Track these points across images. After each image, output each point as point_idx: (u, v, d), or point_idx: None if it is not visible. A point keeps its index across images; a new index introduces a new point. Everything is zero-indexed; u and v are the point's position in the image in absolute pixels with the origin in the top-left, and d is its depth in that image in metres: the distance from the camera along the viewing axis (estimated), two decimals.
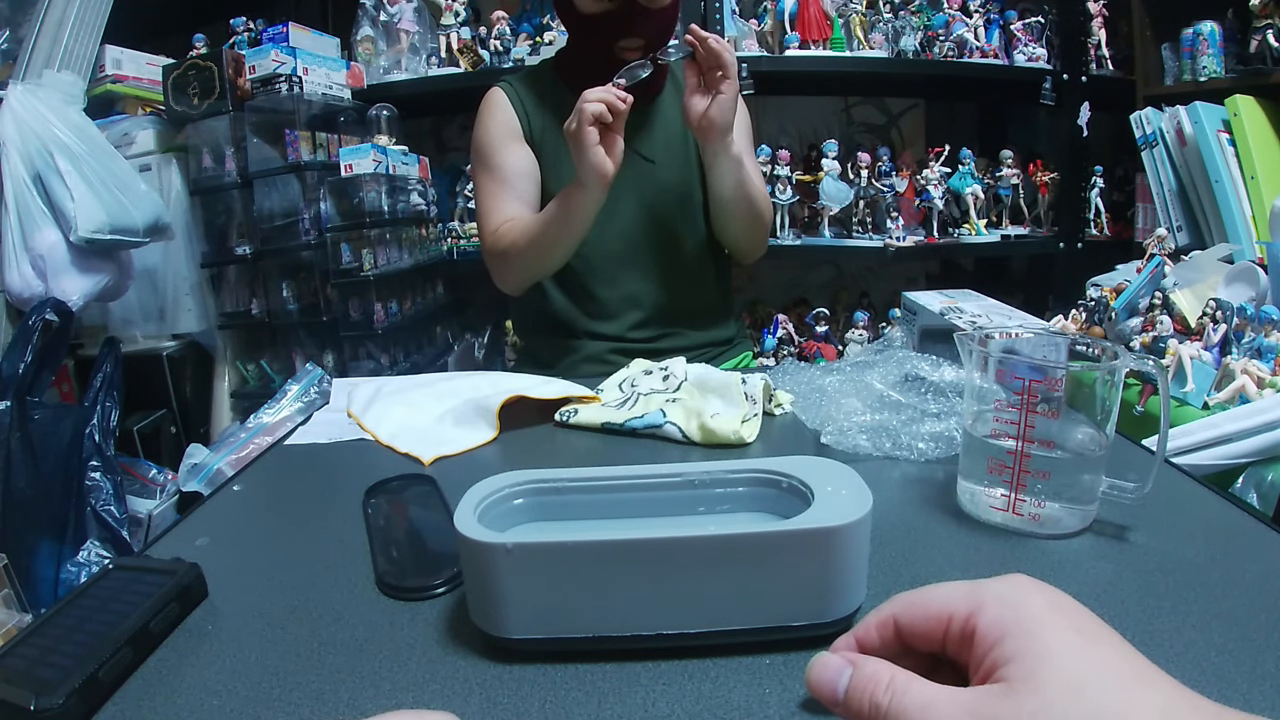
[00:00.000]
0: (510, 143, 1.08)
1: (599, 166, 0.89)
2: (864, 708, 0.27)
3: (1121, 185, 2.02)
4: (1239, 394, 1.06)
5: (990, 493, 0.49)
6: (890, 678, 0.27)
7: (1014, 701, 0.23)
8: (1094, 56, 1.90)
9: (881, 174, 1.88)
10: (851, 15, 1.79)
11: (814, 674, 0.29)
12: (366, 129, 1.79)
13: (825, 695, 0.28)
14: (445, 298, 2.04)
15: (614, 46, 0.99)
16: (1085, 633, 0.25)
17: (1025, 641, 0.24)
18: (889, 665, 0.28)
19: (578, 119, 0.88)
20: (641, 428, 0.68)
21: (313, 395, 1.37)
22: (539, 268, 1.05)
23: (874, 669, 0.28)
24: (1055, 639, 0.24)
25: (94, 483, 1.34)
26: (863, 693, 0.27)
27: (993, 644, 0.25)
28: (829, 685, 0.28)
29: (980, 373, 0.50)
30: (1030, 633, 0.25)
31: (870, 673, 0.27)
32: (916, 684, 0.26)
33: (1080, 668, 0.23)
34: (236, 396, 1.79)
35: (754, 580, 0.36)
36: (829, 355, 1.80)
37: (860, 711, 0.27)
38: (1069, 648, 0.24)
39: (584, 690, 0.36)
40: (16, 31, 1.46)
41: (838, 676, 0.28)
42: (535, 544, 0.36)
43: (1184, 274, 1.35)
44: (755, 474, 0.44)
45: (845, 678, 0.28)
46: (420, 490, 0.58)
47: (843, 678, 0.28)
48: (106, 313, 1.66)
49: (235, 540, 0.55)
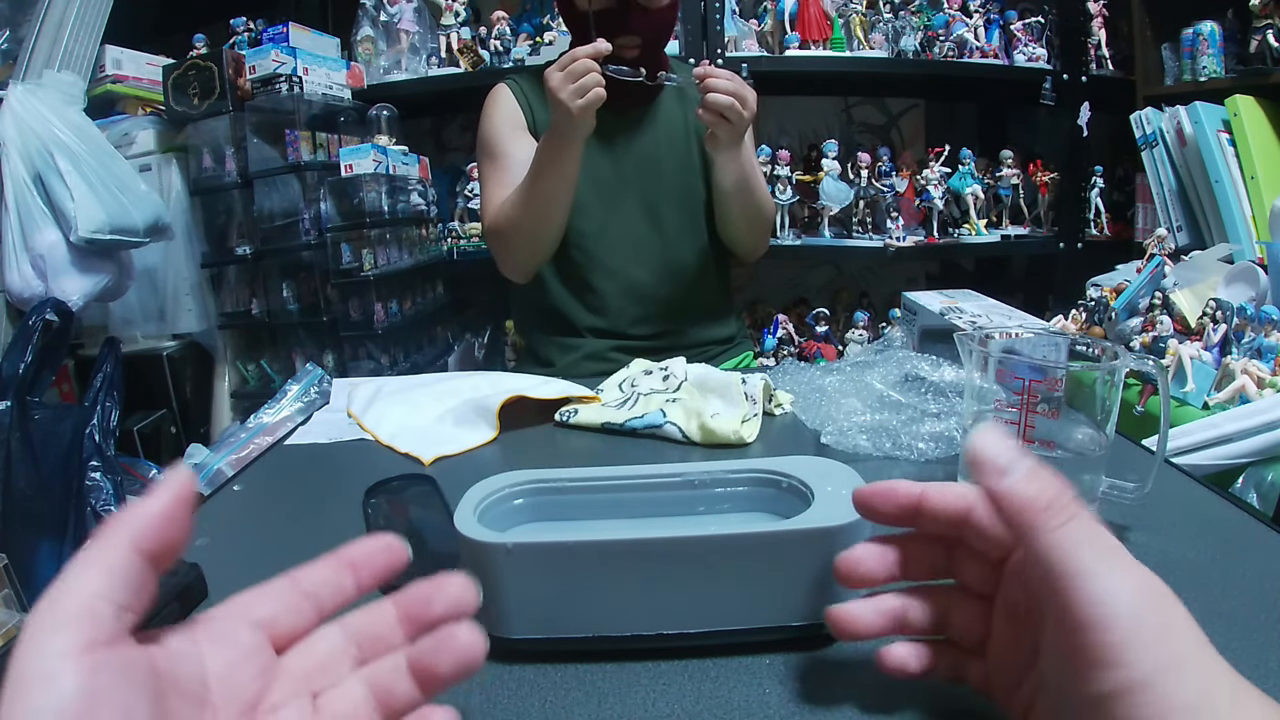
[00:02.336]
0: (515, 134, 1.09)
1: (588, 127, 0.93)
2: (1042, 499, 0.24)
3: (1121, 185, 2.02)
4: (1239, 394, 1.06)
5: None
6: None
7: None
8: (1094, 56, 1.90)
9: (881, 174, 1.88)
10: (851, 15, 1.79)
11: (985, 438, 0.26)
12: (366, 129, 1.79)
13: (995, 463, 0.25)
14: (445, 298, 2.04)
15: (613, 44, 1.00)
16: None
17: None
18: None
19: (584, 103, 0.90)
20: (641, 428, 0.68)
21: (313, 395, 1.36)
22: (540, 231, 1.05)
23: (1060, 483, 0.26)
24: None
25: (94, 483, 1.33)
26: (1048, 484, 0.25)
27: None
28: (1001, 462, 0.25)
29: (980, 373, 0.50)
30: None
31: (1058, 482, 0.25)
32: (1096, 522, 0.24)
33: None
34: (236, 396, 1.79)
35: (754, 580, 0.36)
36: (829, 355, 1.80)
37: (1032, 501, 0.24)
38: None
39: (584, 690, 0.36)
40: (16, 31, 1.46)
41: (1011, 457, 0.26)
42: (535, 544, 0.36)
43: (1184, 274, 1.35)
44: (755, 474, 0.44)
45: (1026, 462, 0.26)
46: (420, 490, 0.58)
47: (1021, 460, 0.26)
48: (106, 313, 1.66)
49: (235, 540, 0.55)
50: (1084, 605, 0.22)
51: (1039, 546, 0.24)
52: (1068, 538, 0.23)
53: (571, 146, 0.96)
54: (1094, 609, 0.22)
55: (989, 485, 0.25)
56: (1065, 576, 0.23)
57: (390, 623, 0.28)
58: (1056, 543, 0.23)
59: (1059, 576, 0.23)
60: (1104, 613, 0.22)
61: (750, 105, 0.94)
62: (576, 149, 0.96)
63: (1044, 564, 0.23)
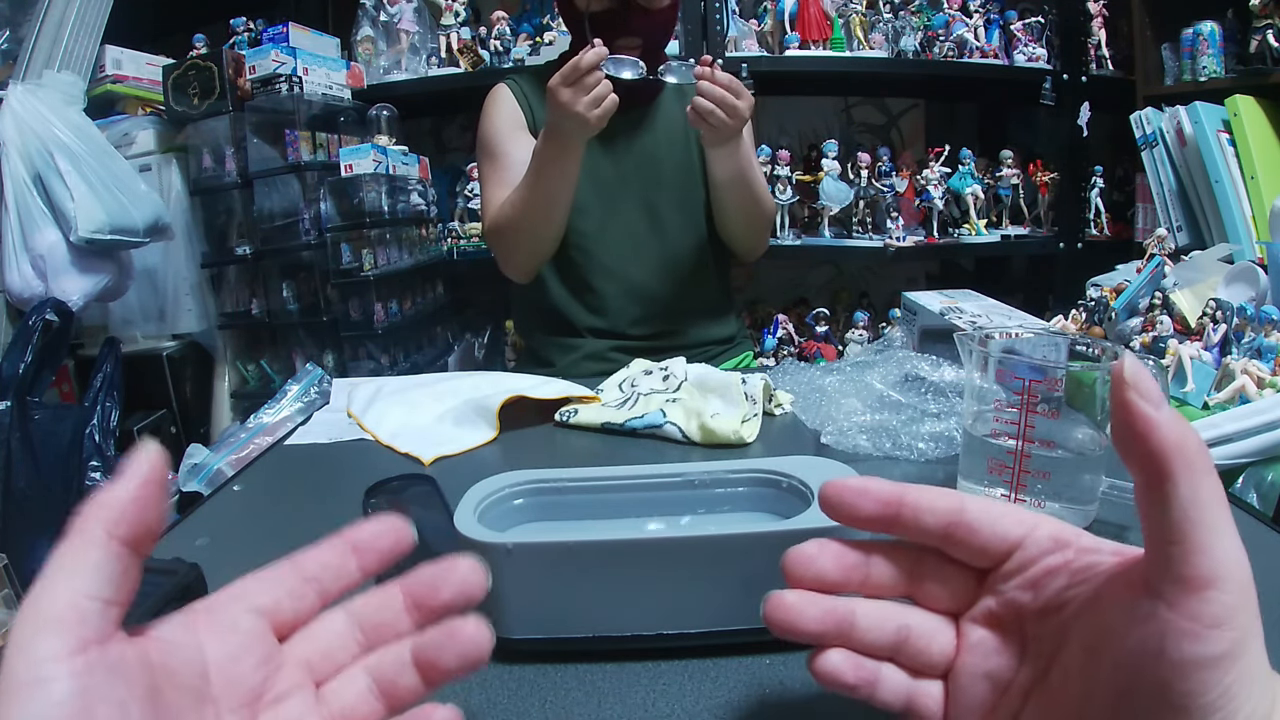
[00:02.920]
0: (515, 134, 1.09)
1: (593, 133, 0.93)
2: (1187, 443, 0.22)
3: (1121, 185, 2.02)
4: (1239, 394, 1.06)
5: (990, 493, 0.49)
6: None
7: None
8: (1094, 56, 1.90)
9: (881, 174, 1.88)
10: (851, 15, 1.79)
11: (1136, 365, 0.24)
12: (366, 129, 1.79)
13: (1151, 392, 0.23)
14: (445, 298, 2.04)
15: (613, 45, 1.00)
16: None
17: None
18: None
19: (599, 107, 0.90)
20: (641, 428, 0.68)
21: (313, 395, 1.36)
22: (541, 231, 1.05)
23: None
24: None
25: (94, 483, 1.33)
26: (1189, 428, 0.23)
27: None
28: (1158, 391, 0.23)
29: (980, 373, 0.50)
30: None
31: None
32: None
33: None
34: (236, 396, 1.79)
35: (754, 580, 0.36)
36: (829, 355, 1.80)
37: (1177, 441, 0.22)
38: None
39: (584, 690, 0.36)
40: (16, 31, 1.46)
41: (1162, 394, 0.24)
42: (535, 544, 0.36)
43: (1184, 274, 1.35)
44: (755, 474, 0.44)
45: (1169, 405, 0.24)
46: (420, 490, 0.58)
47: (1165, 400, 0.24)
48: (106, 313, 1.66)
49: (235, 540, 0.55)
50: (1216, 562, 0.22)
51: (1183, 492, 0.22)
52: (1210, 490, 0.22)
53: (574, 148, 0.96)
54: (1221, 568, 0.22)
55: (1144, 413, 0.23)
56: (1203, 528, 0.22)
57: (396, 609, 0.28)
58: (1202, 491, 0.22)
59: (1197, 526, 0.22)
60: (1229, 574, 0.22)
61: (742, 112, 0.94)
62: (579, 150, 0.96)
63: (1183, 511, 0.22)
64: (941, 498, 0.28)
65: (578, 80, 0.89)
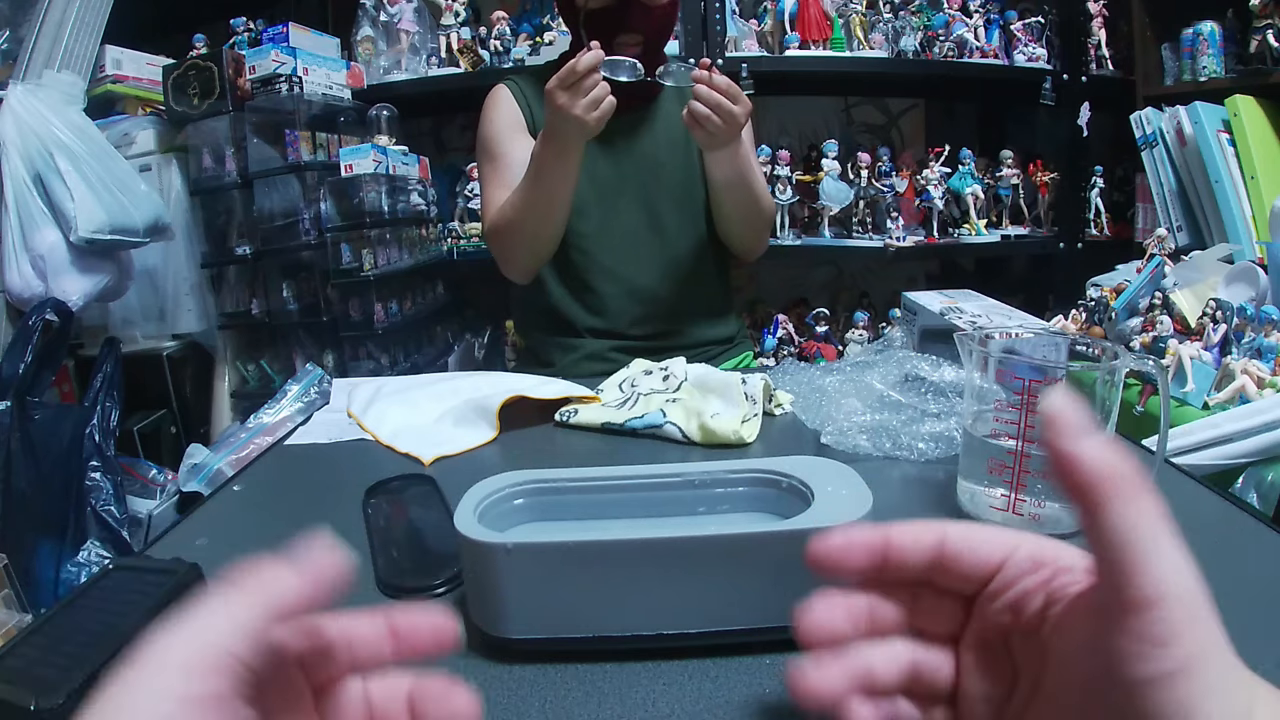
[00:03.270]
0: (515, 135, 1.09)
1: (592, 135, 0.93)
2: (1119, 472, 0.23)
3: (1121, 185, 2.02)
4: (1239, 394, 1.06)
5: (990, 493, 0.49)
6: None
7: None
8: (1094, 56, 1.90)
9: (881, 174, 1.88)
10: (851, 15, 1.79)
11: (1061, 399, 0.24)
12: (366, 129, 1.79)
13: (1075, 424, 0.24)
14: (445, 298, 2.04)
15: (613, 42, 1.00)
16: None
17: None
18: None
19: (597, 110, 0.90)
20: (641, 428, 0.68)
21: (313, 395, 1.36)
22: (540, 232, 1.04)
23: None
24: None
25: (94, 483, 1.33)
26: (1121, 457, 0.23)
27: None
28: (1084, 424, 0.24)
29: (980, 373, 0.50)
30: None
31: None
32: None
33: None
34: (236, 396, 1.79)
35: (754, 580, 0.36)
36: (829, 355, 1.80)
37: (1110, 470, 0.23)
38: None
39: (584, 690, 0.36)
40: (16, 31, 1.45)
41: (1088, 423, 0.24)
42: (535, 544, 0.36)
43: (1184, 274, 1.35)
44: (755, 474, 0.44)
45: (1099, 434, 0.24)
46: (420, 490, 0.58)
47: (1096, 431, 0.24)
48: (106, 313, 1.66)
49: (235, 540, 0.55)
50: (1155, 582, 0.22)
51: (1115, 519, 0.23)
52: (1143, 513, 0.23)
53: (573, 151, 0.96)
54: (1162, 587, 0.22)
55: (1068, 446, 0.24)
56: (1139, 550, 0.22)
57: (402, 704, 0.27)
58: (1134, 515, 0.23)
59: (1133, 549, 0.22)
60: (1170, 592, 0.22)
61: (738, 118, 0.93)
62: (578, 153, 0.96)
63: (1117, 536, 0.23)
64: (924, 532, 0.29)
65: (575, 83, 0.89)
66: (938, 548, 0.28)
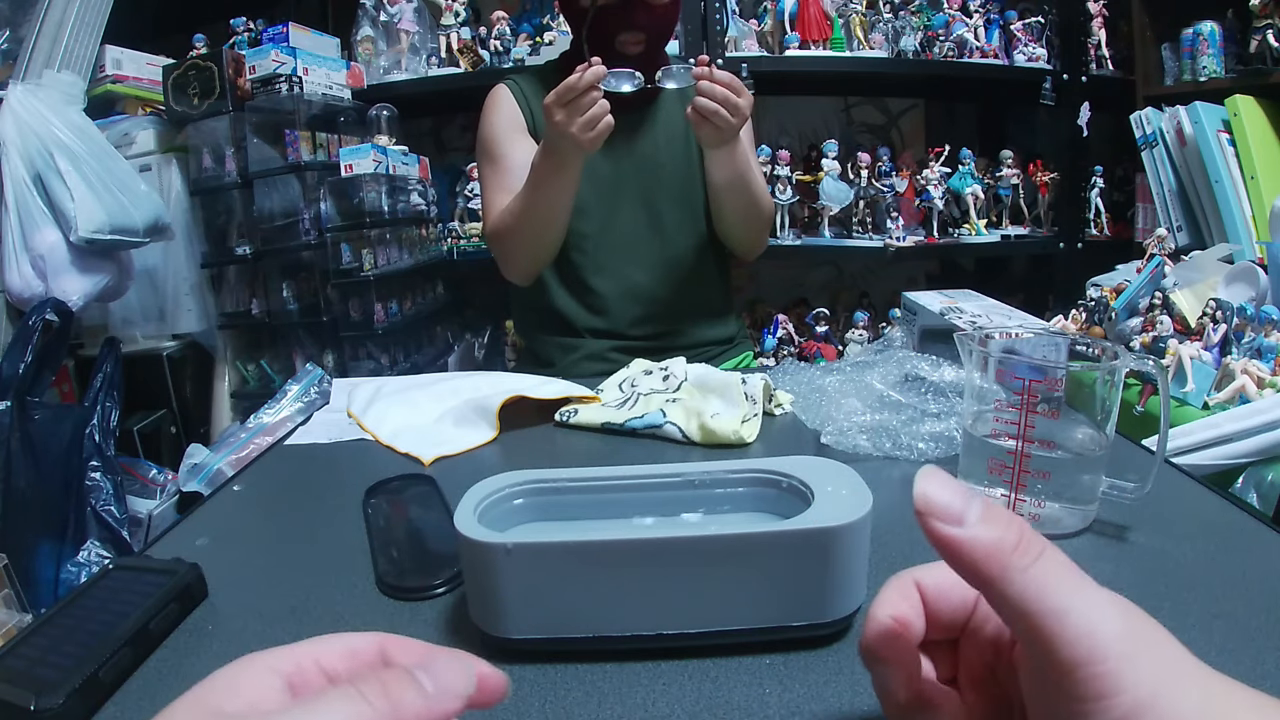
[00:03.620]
0: (515, 136, 1.09)
1: (586, 154, 0.93)
2: (1006, 542, 0.22)
3: (1121, 185, 2.02)
4: (1239, 394, 1.06)
5: (990, 493, 0.49)
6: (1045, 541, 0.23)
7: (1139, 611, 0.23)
8: (1094, 56, 1.90)
9: (881, 174, 1.88)
10: (851, 15, 1.79)
11: (930, 485, 0.24)
12: (366, 129, 1.79)
13: (948, 511, 0.23)
14: (445, 298, 2.04)
15: (615, 40, 0.99)
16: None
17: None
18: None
19: (594, 130, 0.89)
20: (641, 428, 0.68)
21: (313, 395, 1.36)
22: (541, 239, 1.05)
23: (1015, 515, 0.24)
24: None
25: (94, 483, 1.33)
26: (1009, 523, 0.23)
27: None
28: (956, 507, 0.23)
29: (980, 373, 0.50)
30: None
31: (1013, 515, 0.23)
32: (1063, 553, 0.23)
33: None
34: (236, 396, 1.79)
35: (754, 580, 0.36)
36: (829, 355, 1.80)
37: (996, 545, 0.22)
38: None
39: (584, 690, 0.36)
40: (16, 31, 1.45)
41: (964, 497, 0.23)
42: (535, 544, 0.36)
43: (1184, 274, 1.35)
44: (755, 474, 0.44)
45: (978, 503, 0.23)
46: (420, 490, 0.58)
47: (973, 502, 0.23)
48: (106, 313, 1.66)
49: (235, 540, 0.55)
50: (1073, 642, 0.21)
51: (1012, 591, 0.22)
52: (1042, 576, 0.22)
53: (572, 164, 0.95)
54: (1083, 644, 0.21)
55: (946, 536, 0.23)
56: (1048, 616, 0.22)
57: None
58: (1030, 583, 0.22)
59: (1041, 616, 0.22)
60: (1094, 645, 0.21)
61: (743, 110, 0.93)
62: (577, 166, 0.96)
63: (1022, 606, 0.22)
64: (904, 595, 0.28)
65: (572, 101, 0.88)
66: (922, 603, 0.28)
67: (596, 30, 1.00)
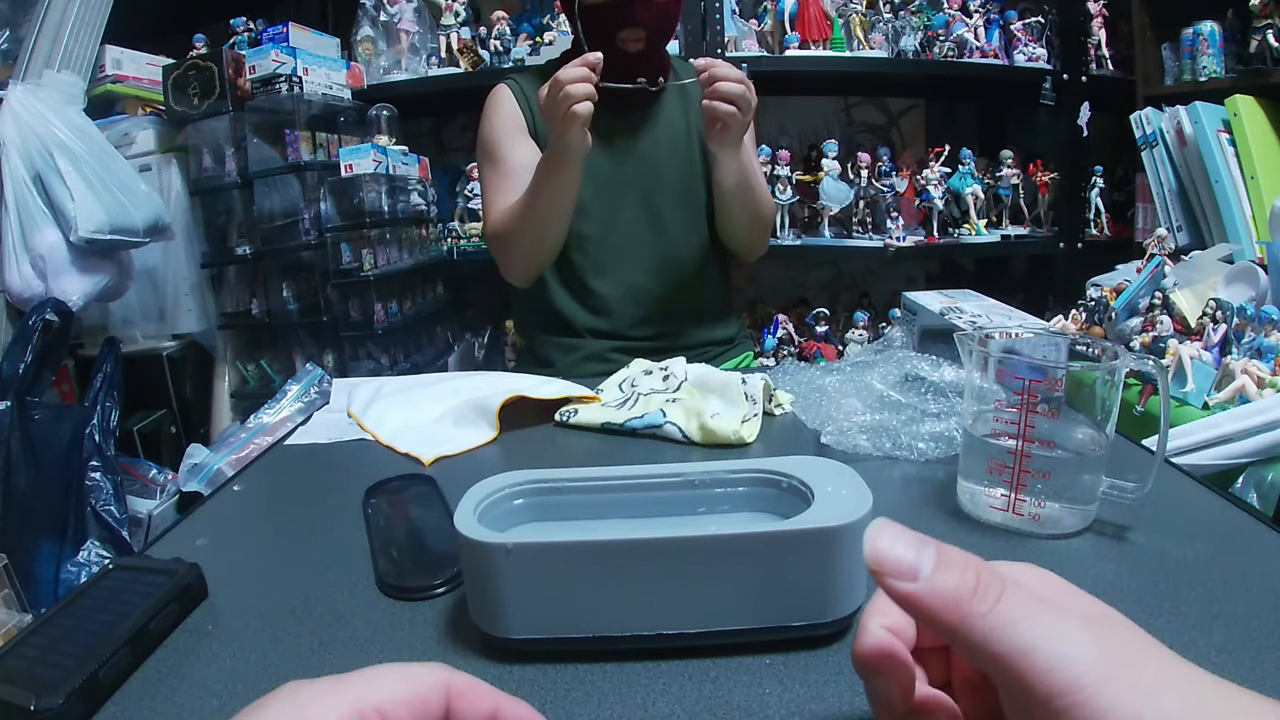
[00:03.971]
0: (515, 137, 1.09)
1: (583, 145, 0.93)
2: (963, 590, 0.22)
3: (1121, 185, 2.02)
4: (1239, 394, 1.06)
5: (990, 493, 0.49)
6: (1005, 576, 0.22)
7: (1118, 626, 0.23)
8: (1094, 56, 1.90)
9: (881, 174, 1.88)
10: (851, 15, 1.79)
11: (881, 542, 0.23)
12: (366, 129, 1.79)
13: (900, 569, 0.23)
14: (445, 298, 2.04)
15: (615, 37, 1.00)
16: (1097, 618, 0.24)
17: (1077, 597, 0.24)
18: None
19: (565, 106, 0.89)
20: (641, 428, 0.68)
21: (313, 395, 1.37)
22: (540, 243, 1.05)
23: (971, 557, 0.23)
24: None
25: (94, 483, 1.33)
26: (964, 570, 0.22)
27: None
28: (907, 559, 0.23)
29: (980, 373, 0.50)
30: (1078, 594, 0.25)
31: (969, 558, 0.23)
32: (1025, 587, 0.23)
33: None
34: (236, 396, 1.79)
35: (754, 580, 0.36)
36: (829, 355, 1.80)
37: (953, 595, 0.22)
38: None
39: (584, 690, 0.36)
40: (16, 31, 1.45)
41: (917, 549, 0.23)
42: (535, 544, 0.36)
43: (1184, 274, 1.35)
44: (755, 474, 0.44)
45: (930, 553, 0.23)
46: (420, 490, 0.58)
47: (926, 553, 0.23)
48: (106, 313, 1.66)
49: (235, 540, 0.55)
50: (1044, 676, 0.21)
51: (976, 636, 0.22)
52: (1004, 616, 0.22)
53: (571, 166, 0.95)
54: (1054, 677, 0.21)
55: (902, 592, 0.23)
56: (1015, 656, 0.22)
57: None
58: (992, 627, 0.22)
59: (1008, 657, 0.22)
60: (1066, 676, 0.21)
61: (752, 102, 0.94)
62: (577, 167, 0.96)
63: (987, 650, 0.22)
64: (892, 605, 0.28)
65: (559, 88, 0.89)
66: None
67: (595, 27, 1.00)
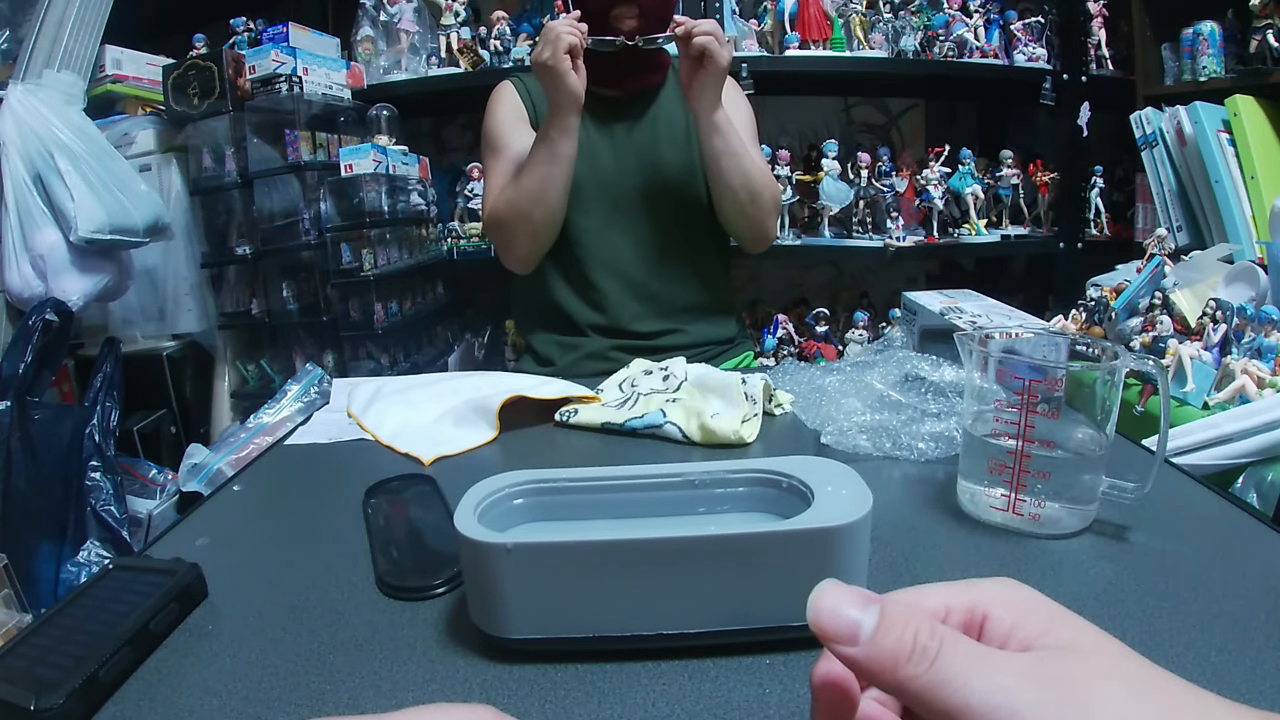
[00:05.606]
0: (518, 127, 1.10)
1: (573, 90, 0.95)
2: (901, 652, 0.22)
3: (1121, 185, 2.02)
4: (1239, 394, 1.06)
5: (990, 493, 0.49)
6: (939, 620, 0.23)
7: (1078, 659, 0.22)
8: (1094, 56, 1.90)
9: (881, 174, 1.88)
10: (851, 15, 1.79)
11: (823, 605, 0.23)
12: (366, 129, 1.79)
13: (839, 633, 0.23)
14: (445, 298, 2.04)
15: (609, 14, 1.00)
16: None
17: (1050, 621, 0.24)
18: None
19: (552, 48, 0.93)
20: (641, 428, 0.68)
21: (313, 395, 1.37)
22: (538, 218, 1.04)
23: (912, 605, 0.23)
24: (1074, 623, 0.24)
25: (94, 483, 1.33)
26: (903, 630, 0.23)
27: (1011, 626, 0.24)
28: (847, 623, 0.23)
29: (980, 373, 0.50)
30: (1053, 616, 0.24)
31: (909, 608, 0.23)
32: (966, 640, 0.23)
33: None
34: (236, 396, 1.79)
35: (754, 580, 0.36)
36: (829, 355, 1.80)
37: (890, 658, 0.22)
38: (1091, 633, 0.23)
39: (584, 690, 0.36)
40: (16, 31, 1.45)
41: (860, 609, 0.23)
42: (535, 544, 0.36)
43: (1184, 274, 1.35)
44: (755, 474, 0.44)
45: (873, 614, 0.23)
46: (420, 490, 0.58)
47: (868, 614, 0.23)
48: (106, 313, 1.66)
49: (235, 540, 0.55)
50: (992, 710, 0.21)
51: (914, 697, 0.22)
52: (940, 675, 0.22)
53: (567, 119, 0.97)
54: (1003, 710, 0.21)
55: (845, 656, 0.23)
56: (951, 713, 0.22)
57: None
58: (928, 685, 0.22)
59: (945, 714, 0.22)
60: (1019, 704, 0.21)
61: (723, 36, 0.97)
62: (573, 128, 0.97)
63: (927, 709, 0.22)
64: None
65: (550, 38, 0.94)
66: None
67: (592, 3, 1.00)
